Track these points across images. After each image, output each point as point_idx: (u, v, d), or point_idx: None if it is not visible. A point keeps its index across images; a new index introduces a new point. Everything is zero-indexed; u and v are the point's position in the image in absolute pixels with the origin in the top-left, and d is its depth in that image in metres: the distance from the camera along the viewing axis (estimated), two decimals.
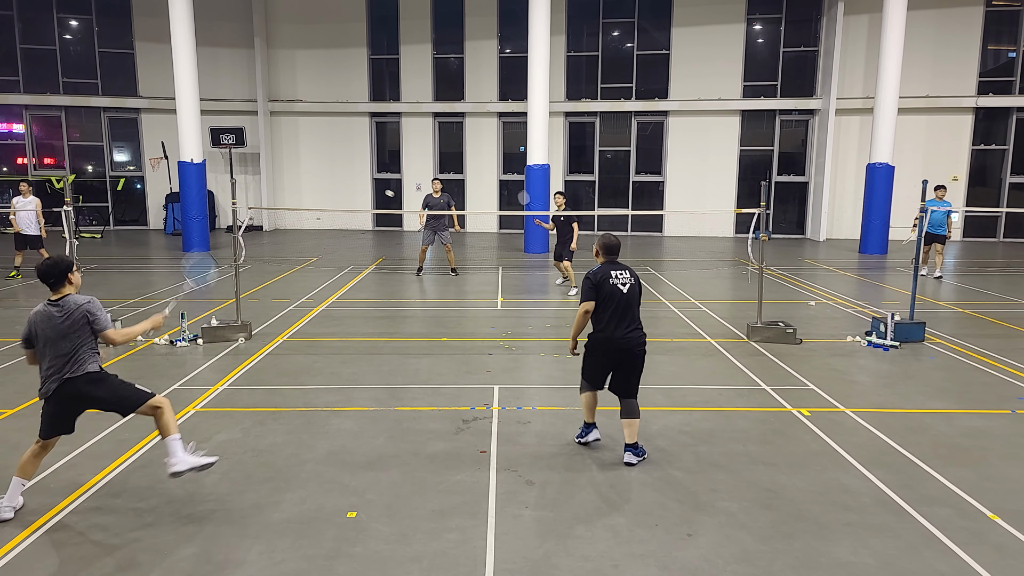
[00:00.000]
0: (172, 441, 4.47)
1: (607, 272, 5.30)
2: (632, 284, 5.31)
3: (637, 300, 5.34)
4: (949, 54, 21.29)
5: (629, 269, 5.39)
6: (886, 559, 3.99)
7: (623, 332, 5.24)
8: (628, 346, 5.25)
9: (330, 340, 8.91)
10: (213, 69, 22.70)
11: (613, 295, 5.24)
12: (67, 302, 4.45)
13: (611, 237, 5.47)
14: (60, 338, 4.40)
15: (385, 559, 3.98)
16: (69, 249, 8.78)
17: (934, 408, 6.52)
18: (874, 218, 18.44)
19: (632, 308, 5.29)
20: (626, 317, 5.25)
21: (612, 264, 5.39)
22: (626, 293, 5.26)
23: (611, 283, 5.24)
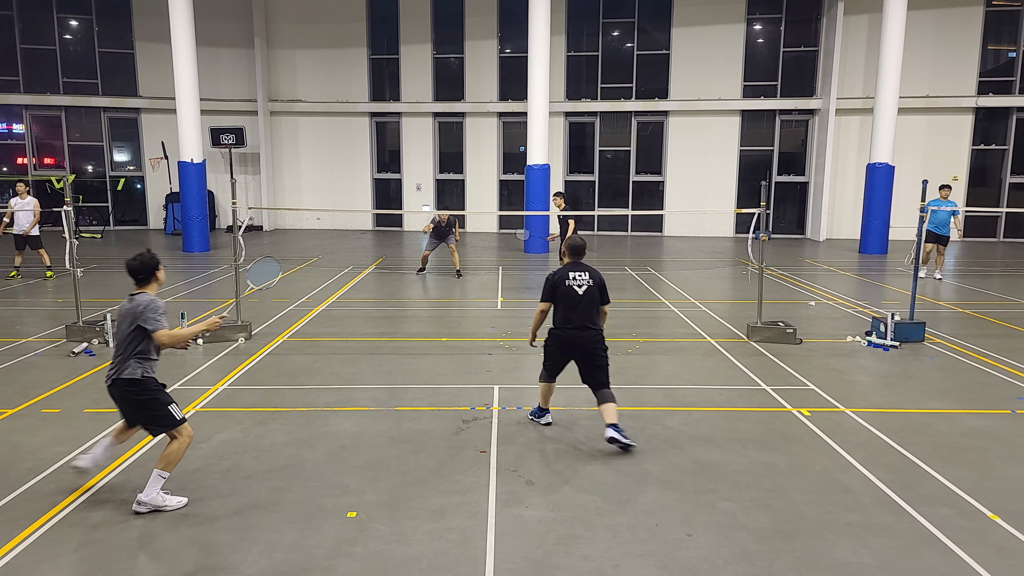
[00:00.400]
0: (158, 475, 4.43)
1: (565, 273, 5.64)
2: (590, 286, 5.59)
3: (595, 301, 5.62)
4: (949, 54, 21.29)
5: (591, 271, 5.67)
6: (886, 559, 3.99)
7: (579, 331, 5.58)
8: (581, 344, 5.58)
9: (330, 340, 8.91)
10: (213, 69, 22.70)
11: (568, 295, 5.58)
12: (137, 299, 4.52)
13: (577, 239, 5.80)
14: (121, 333, 4.53)
15: (385, 559, 3.98)
16: (69, 249, 8.78)
17: (934, 408, 6.51)
18: (874, 218, 18.45)
19: (587, 308, 5.58)
20: (582, 317, 5.57)
21: (574, 265, 5.71)
22: (582, 294, 5.57)
23: (567, 284, 5.59)
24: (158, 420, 4.53)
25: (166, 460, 4.47)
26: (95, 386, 7.00)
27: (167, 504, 4.46)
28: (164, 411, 4.52)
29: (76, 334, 8.60)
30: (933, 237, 13.60)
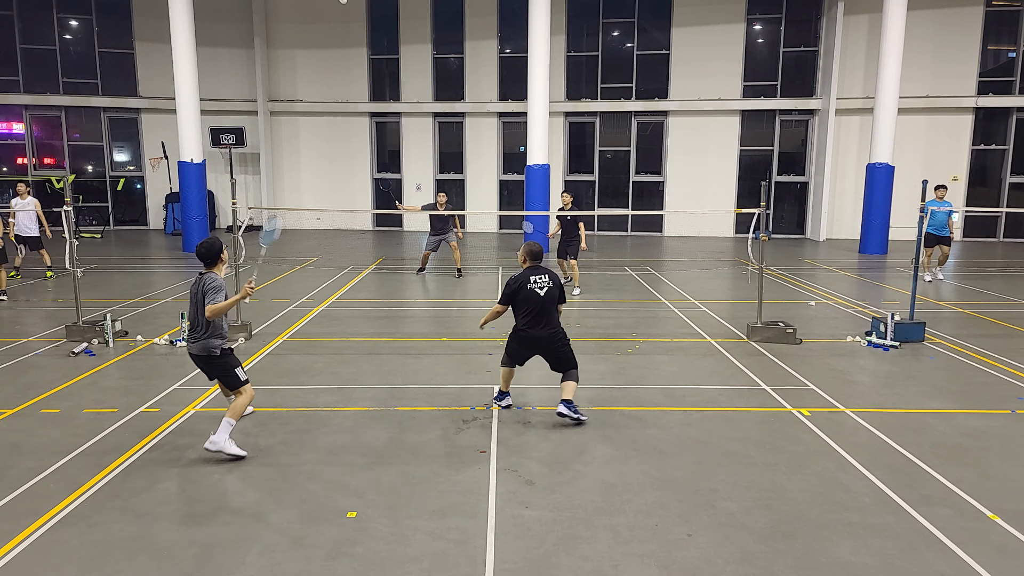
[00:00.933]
0: (226, 421, 5.24)
1: (526, 277, 6.05)
2: (550, 287, 6.03)
3: (554, 302, 6.09)
4: (949, 54, 21.28)
5: (550, 273, 6.12)
6: (886, 559, 3.99)
7: (540, 331, 6.04)
8: (544, 342, 6.07)
9: (330, 340, 8.91)
10: (213, 69, 22.70)
11: (529, 298, 6.02)
12: (204, 278, 5.33)
13: (535, 244, 6.21)
14: (195, 310, 5.35)
15: (385, 559, 3.98)
16: (69, 249, 8.79)
17: (934, 408, 6.51)
18: (874, 218, 18.44)
19: (548, 309, 6.04)
20: (542, 317, 6.03)
21: (534, 269, 6.12)
22: (543, 296, 6.01)
23: (528, 288, 6.00)
24: (227, 381, 5.46)
25: (233, 411, 5.31)
26: (95, 386, 7.00)
27: (232, 450, 5.22)
28: (233, 374, 5.38)
29: (76, 334, 8.61)
30: (933, 239, 13.42)
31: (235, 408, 5.31)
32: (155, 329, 9.28)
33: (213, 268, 5.39)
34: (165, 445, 5.54)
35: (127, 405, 6.41)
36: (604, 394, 6.80)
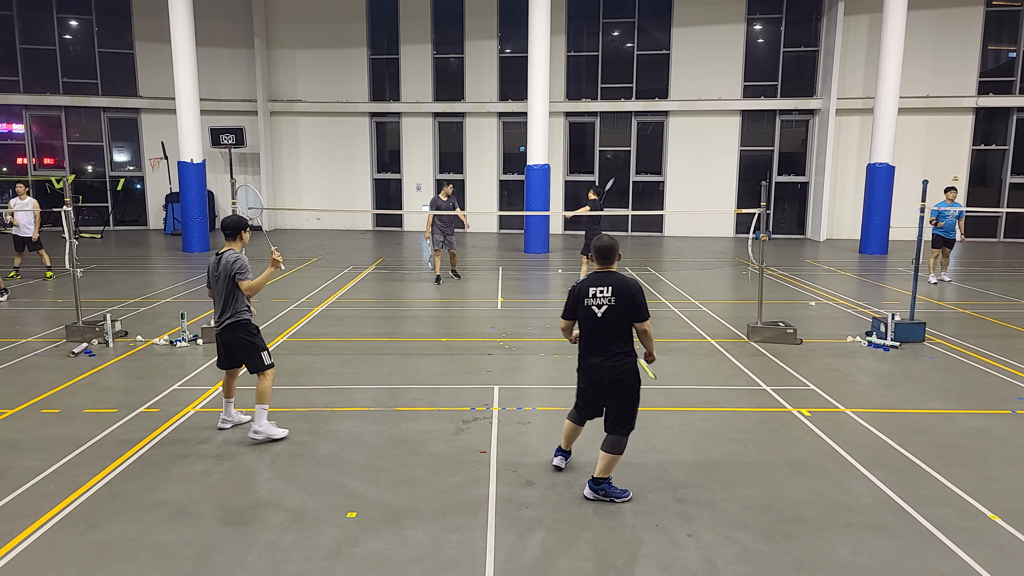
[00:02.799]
0: (260, 408, 5.43)
1: (586, 288, 4.64)
2: (610, 306, 4.54)
3: (618, 324, 4.56)
4: (949, 54, 21.28)
5: (618, 284, 4.57)
6: (886, 559, 3.98)
7: (597, 359, 4.63)
8: (601, 374, 4.61)
9: (330, 340, 8.91)
10: (213, 69, 22.70)
11: (588, 316, 4.63)
12: (225, 256, 5.47)
13: (605, 239, 4.72)
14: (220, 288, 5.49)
15: (385, 559, 3.98)
16: (69, 249, 8.79)
17: (934, 408, 6.51)
18: (874, 218, 18.44)
19: (607, 334, 4.58)
20: (601, 344, 4.61)
21: (598, 277, 4.66)
22: (599, 317, 4.57)
23: (585, 303, 4.62)
24: (253, 362, 5.53)
25: (261, 396, 5.45)
26: (95, 386, 7.00)
27: (275, 434, 5.49)
28: (259, 355, 5.53)
29: (76, 334, 8.61)
30: (941, 241, 13.37)
31: (262, 392, 5.46)
32: (155, 329, 9.28)
33: (232, 243, 5.55)
34: (165, 445, 5.54)
35: (127, 405, 6.41)
36: None
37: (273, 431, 5.51)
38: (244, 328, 5.53)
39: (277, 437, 5.51)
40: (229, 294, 5.45)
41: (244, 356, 5.58)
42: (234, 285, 5.44)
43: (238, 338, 5.52)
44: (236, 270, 5.40)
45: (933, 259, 13.43)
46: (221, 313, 5.52)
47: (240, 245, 5.62)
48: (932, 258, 13.40)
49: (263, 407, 5.45)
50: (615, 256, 4.70)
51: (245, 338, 5.52)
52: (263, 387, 5.49)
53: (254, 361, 5.55)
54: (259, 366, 5.53)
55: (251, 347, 5.53)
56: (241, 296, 5.49)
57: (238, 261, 5.42)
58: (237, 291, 5.47)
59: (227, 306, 5.47)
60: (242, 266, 5.42)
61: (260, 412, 5.44)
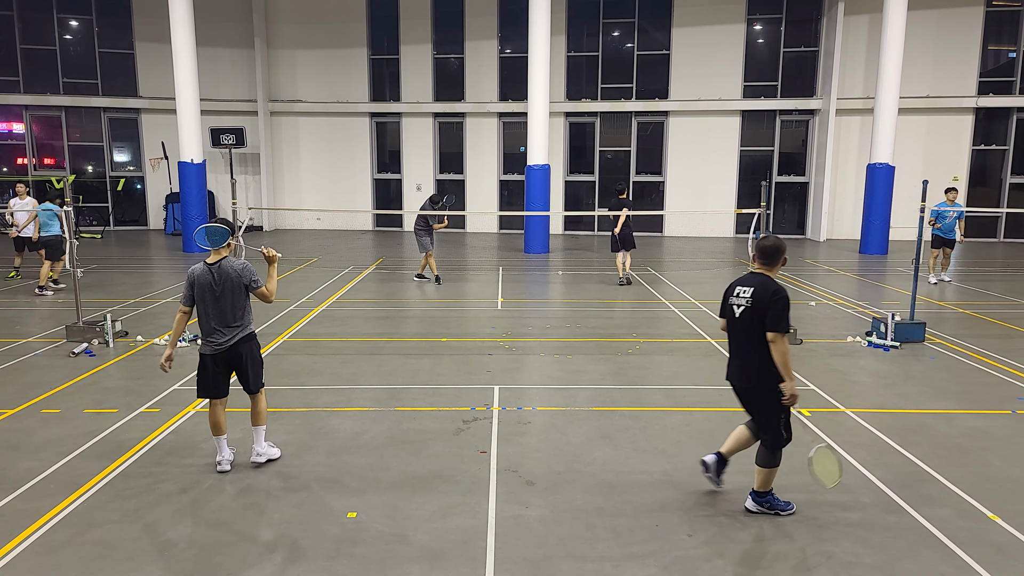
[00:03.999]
0: (258, 431, 5.15)
1: (733, 286, 4.52)
2: (747, 307, 4.35)
3: (753, 328, 4.34)
4: (949, 54, 21.28)
5: (760, 285, 4.37)
6: (886, 559, 3.98)
7: (732, 369, 4.53)
8: (736, 382, 4.53)
9: (330, 340, 8.91)
10: (213, 69, 22.70)
11: (728, 317, 4.51)
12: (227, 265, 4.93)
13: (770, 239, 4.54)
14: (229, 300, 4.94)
15: (385, 559, 3.98)
16: (69, 249, 8.78)
17: (934, 408, 6.51)
18: (874, 218, 18.44)
19: (742, 338, 4.42)
20: (736, 350, 4.51)
21: (748, 277, 4.51)
22: (737, 318, 4.42)
23: (728, 301, 4.48)
24: (254, 375, 5.09)
25: (258, 416, 5.13)
26: (95, 386, 7.00)
27: (274, 454, 5.24)
28: (261, 370, 5.16)
29: (76, 334, 8.61)
30: (941, 241, 13.37)
31: (259, 413, 5.12)
32: (155, 329, 9.28)
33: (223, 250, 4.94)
34: (165, 445, 5.54)
35: (127, 405, 6.41)
36: (604, 394, 6.79)
37: (273, 451, 5.25)
38: (255, 340, 5.10)
39: (276, 457, 5.25)
40: (239, 305, 4.94)
41: (252, 372, 5.05)
42: (245, 295, 4.95)
43: (252, 352, 5.05)
44: (252, 278, 4.93)
45: (932, 259, 13.43)
46: (230, 327, 4.93)
47: (229, 252, 5.03)
48: (932, 258, 13.40)
49: (262, 428, 5.15)
50: (779, 258, 4.48)
51: (257, 352, 5.11)
52: (263, 407, 5.15)
53: (259, 377, 5.12)
54: (260, 383, 5.13)
55: (260, 362, 5.13)
56: (249, 306, 5.03)
57: (247, 268, 4.95)
58: (248, 301, 4.99)
59: (236, 319, 4.93)
60: (251, 270, 4.98)
61: (259, 433, 5.13)
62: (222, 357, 4.96)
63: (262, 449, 5.15)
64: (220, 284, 4.86)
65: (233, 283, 4.88)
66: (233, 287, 4.88)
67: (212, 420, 5.04)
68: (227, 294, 4.87)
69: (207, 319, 4.92)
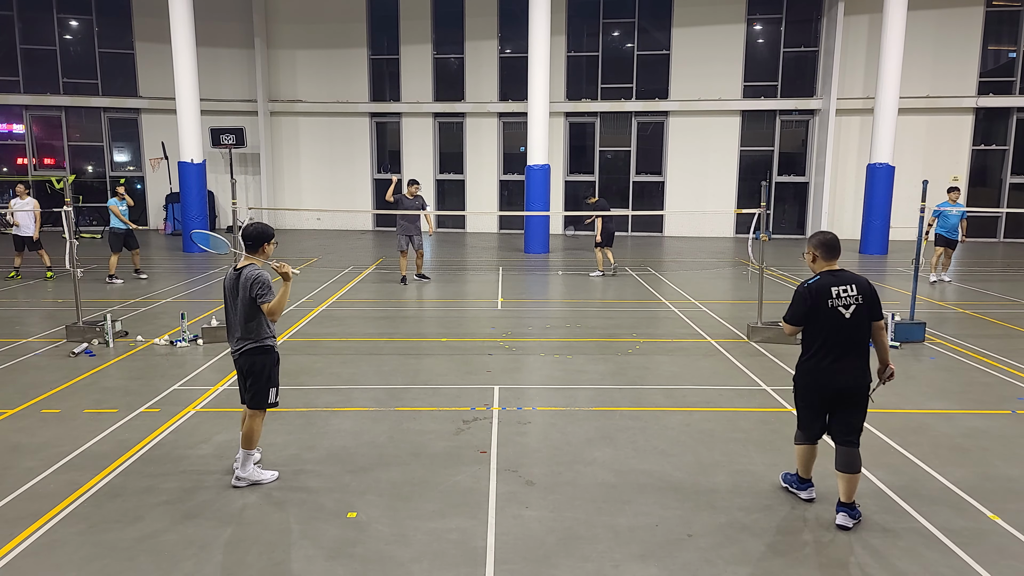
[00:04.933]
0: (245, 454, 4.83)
1: (826, 288, 4.34)
2: (859, 306, 4.29)
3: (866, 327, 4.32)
4: (949, 54, 21.28)
5: (859, 282, 4.37)
6: (886, 559, 3.98)
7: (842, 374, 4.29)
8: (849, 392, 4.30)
9: (330, 340, 8.90)
10: (213, 69, 22.71)
11: (831, 321, 4.29)
12: (245, 273, 4.74)
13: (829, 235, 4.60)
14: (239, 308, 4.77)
15: (385, 559, 3.97)
16: (69, 249, 8.78)
17: (934, 408, 6.51)
18: (874, 218, 18.44)
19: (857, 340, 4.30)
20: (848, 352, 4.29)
21: (833, 276, 4.43)
22: (849, 319, 4.26)
23: (830, 304, 4.28)
24: (257, 392, 4.82)
25: (247, 438, 4.82)
26: (95, 386, 7.00)
27: (262, 478, 4.86)
28: (267, 390, 4.85)
29: (76, 334, 8.61)
30: (944, 241, 13.28)
31: (249, 434, 4.82)
32: (155, 329, 9.28)
33: (254, 255, 4.80)
34: (165, 445, 5.54)
35: (127, 405, 6.41)
36: (604, 394, 6.79)
37: (260, 475, 4.87)
38: (268, 355, 4.84)
39: (265, 481, 4.86)
40: (249, 316, 4.73)
41: (252, 386, 4.83)
42: (255, 307, 4.71)
43: (257, 365, 4.81)
44: (256, 292, 4.65)
45: (936, 258, 13.32)
46: (239, 337, 4.80)
47: (262, 259, 4.84)
48: (935, 257, 13.30)
49: (250, 453, 4.83)
50: (840, 250, 4.52)
51: (264, 368, 4.82)
52: (253, 427, 4.81)
53: (260, 396, 4.83)
54: (262, 403, 4.84)
55: (264, 379, 4.82)
56: (264, 319, 4.77)
57: (258, 279, 4.66)
58: (260, 314, 4.75)
59: (247, 330, 4.76)
60: (263, 285, 4.66)
61: (247, 458, 4.81)
62: (236, 364, 4.90)
63: (243, 473, 4.80)
64: (235, 289, 4.76)
65: (244, 292, 4.71)
66: (243, 296, 4.72)
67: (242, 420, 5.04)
68: (239, 301, 4.75)
69: (227, 322, 4.92)
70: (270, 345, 4.85)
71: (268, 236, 4.85)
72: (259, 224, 4.86)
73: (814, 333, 4.33)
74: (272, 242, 4.89)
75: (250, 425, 4.83)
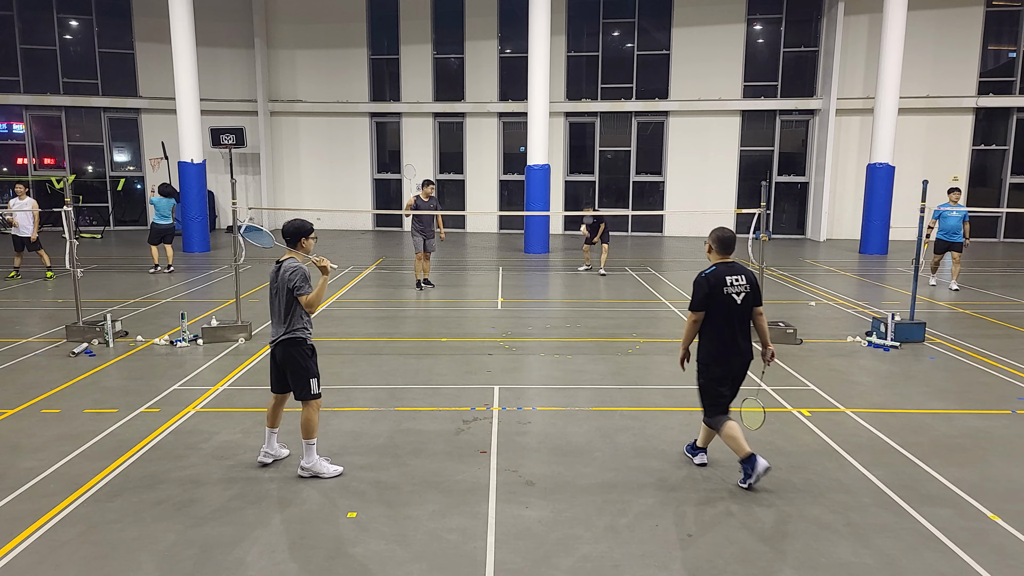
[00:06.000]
0: (306, 444, 4.95)
1: (722, 277, 5.03)
2: (747, 292, 5.01)
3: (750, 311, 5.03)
4: (949, 54, 21.28)
5: (747, 272, 5.10)
6: (886, 559, 3.98)
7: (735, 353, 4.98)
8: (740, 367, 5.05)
9: (330, 340, 8.90)
10: (213, 69, 22.70)
11: (725, 307, 4.95)
12: (284, 265, 4.95)
13: (726, 231, 5.20)
14: (279, 300, 4.98)
15: (385, 559, 3.97)
16: (69, 249, 8.78)
17: (934, 408, 6.51)
18: (874, 218, 18.44)
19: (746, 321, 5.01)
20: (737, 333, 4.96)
21: (728, 266, 5.09)
22: (740, 304, 4.96)
23: (725, 291, 4.95)
24: (301, 386, 4.94)
25: (306, 429, 4.92)
26: (95, 386, 7.00)
27: (324, 471, 4.94)
28: (308, 380, 4.95)
29: (76, 334, 8.61)
30: (944, 245, 12.66)
31: (306, 425, 4.93)
32: (155, 329, 9.28)
33: (294, 250, 5.02)
34: (165, 445, 5.54)
35: (127, 405, 6.41)
36: (604, 394, 6.79)
37: (323, 467, 4.97)
38: (299, 347, 4.98)
39: (328, 475, 4.94)
40: (288, 308, 4.95)
41: (293, 379, 4.98)
42: (293, 299, 4.93)
43: (291, 357, 4.97)
44: (294, 284, 4.87)
45: (934, 263, 12.90)
46: (277, 328, 5.03)
47: (303, 254, 5.04)
48: (934, 261, 12.86)
49: (310, 442, 4.94)
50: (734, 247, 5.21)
51: (298, 359, 4.96)
52: (307, 417, 4.94)
53: (302, 387, 4.96)
54: (306, 394, 4.94)
55: (302, 370, 4.96)
56: (300, 311, 4.97)
57: (296, 272, 4.89)
58: (297, 306, 4.95)
59: (284, 321, 4.98)
60: (301, 278, 4.88)
61: (308, 448, 4.94)
62: (274, 354, 5.07)
63: (307, 463, 4.95)
64: (277, 282, 4.98)
65: (283, 284, 4.92)
66: (282, 288, 4.93)
67: (267, 411, 5.18)
68: (279, 294, 4.98)
69: (270, 314, 5.15)
70: (303, 337, 5.00)
71: (305, 231, 5.02)
72: (297, 220, 5.05)
73: (712, 317, 4.95)
74: (311, 236, 5.07)
75: (305, 416, 4.95)
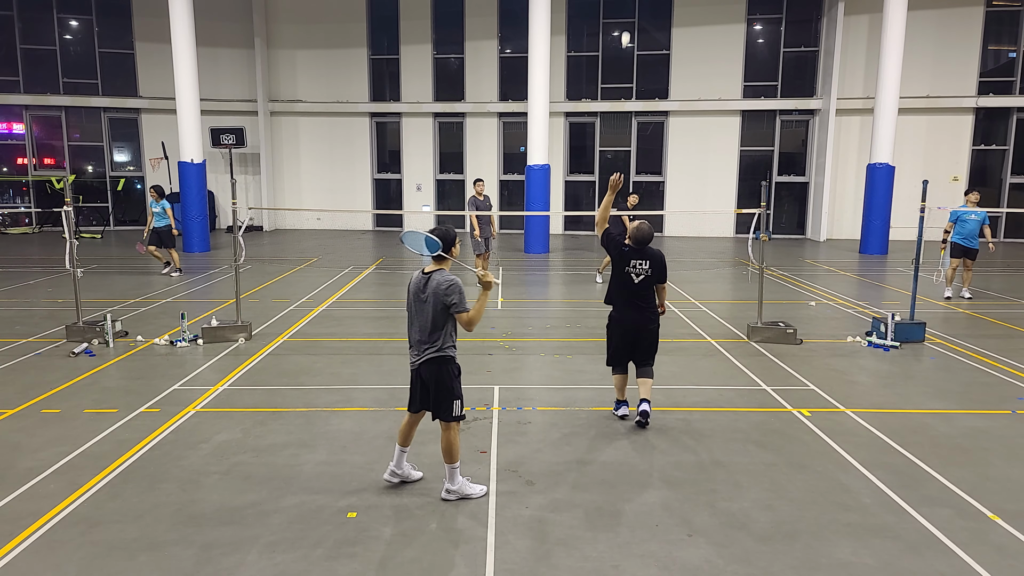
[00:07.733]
0: (449, 469, 4.67)
1: (628, 259, 6.04)
2: (647, 276, 6.05)
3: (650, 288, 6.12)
4: (949, 54, 21.28)
5: (653, 260, 6.05)
6: (886, 559, 3.98)
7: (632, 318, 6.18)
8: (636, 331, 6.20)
9: (330, 340, 8.90)
10: (213, 69, 22.71)
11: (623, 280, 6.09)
12: (435, 278, 4.54)
13: (645, 227, 6.11)
14: (427, 314, 4.57)
15: (385, 559, 3.98)
16: (69, 249, 8.79)
17: (934, 408, 6.51)
18: (874, 218, 18.44)
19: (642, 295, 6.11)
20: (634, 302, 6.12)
21: (637, 253, 6.07)
22: (636, 284, 6.07)
23: (625, 270, 6.02)
24: (444, 407, 4.63)
25: (448, 452, 4.64)
26: (95, 386, 7.00)
27: (472, 492, 4.72)
28: (452, 402, 4.64)
29: (76, 334, 8.61)
30: (961, 251, 11.69)
31: (449, 448, 4.64)
32: (155, 329, 9.28)
33: (441, 263, 4.61)
34: (165, 445, 5.54)
35: (127, 405, 6.42)
36: (604, 394, 6.79)
37: (470, 489, 4.72)
38: (449, 366, 4.65)
39: (475, 496, 4.70)
40: (437, 323, 4.54)
41: (436, 399, 4.64)
42: (446, 315, 4.53)
43: (439, 376, 4.61)
44: (453, 301, 4.47)
45: (952, 271, 11.79)
46: (422, 343, 4.61)
47: (449, 264, 4.66)
48: (951, 269, 11.75)
49: (454, 466, 4.65)
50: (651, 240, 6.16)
51: (446, 380, 4.62)
52: (449, 440, 4.62)
53: (445, 408, 4.63)
54: (448, 415, 4.62)
55: (448, 391, 4.63)
56: (451, 329, 4.61)
57: (453, 287, 4.47)
58: (450, 322, 4.57)
59: (432, 337, 4.56)
60: (460, 293, 4.48)
61: (451, 472, 4.66)
62: (417, 373, 4.70)
63: (452, 486, 4.67)
64: (425, 294, 4.54)
65: (435, 299, 4.49)
66: (434, 303, 4.50)
67: (403, 430, 4.85)
68: (427, 308, 4.53)
69: (409, 329, 4.69)
70: (451, 356, 4.67)
71: (452, 238, 4.64)
72: (441, 227, 4.63)
73: (615, 283, 6.16)
74: (456, 244, 4.71)
75: (446, 439, 4.64)
